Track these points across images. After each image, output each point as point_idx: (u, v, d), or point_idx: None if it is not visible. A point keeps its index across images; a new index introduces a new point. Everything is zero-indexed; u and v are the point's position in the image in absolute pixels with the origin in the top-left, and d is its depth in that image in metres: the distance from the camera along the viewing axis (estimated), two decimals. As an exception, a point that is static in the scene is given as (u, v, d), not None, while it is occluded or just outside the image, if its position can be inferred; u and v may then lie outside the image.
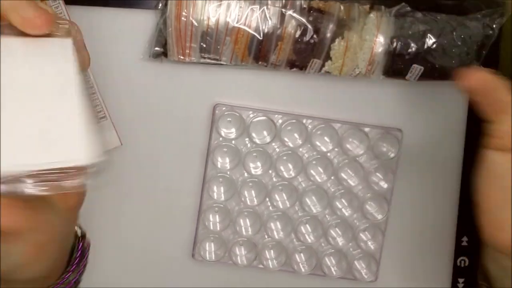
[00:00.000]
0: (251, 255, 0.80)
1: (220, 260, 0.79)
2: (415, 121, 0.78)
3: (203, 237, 0.79)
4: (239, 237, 0.79)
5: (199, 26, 0.70)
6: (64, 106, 0.47)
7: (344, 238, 0.80)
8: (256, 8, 0.70)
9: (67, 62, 0.48)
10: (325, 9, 0.71)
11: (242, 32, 0.71)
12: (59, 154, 0.46)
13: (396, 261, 0.81)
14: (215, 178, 0.78)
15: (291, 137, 0.77)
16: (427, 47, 0.72)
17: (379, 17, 0.72)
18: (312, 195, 0.79)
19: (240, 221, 0.80)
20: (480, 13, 0.74)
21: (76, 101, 0.47)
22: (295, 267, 0.80)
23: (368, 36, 0.72)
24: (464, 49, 0.73)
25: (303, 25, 0.71)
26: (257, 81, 0.77)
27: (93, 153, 0.47)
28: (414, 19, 0.73)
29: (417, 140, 0.69)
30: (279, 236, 0.80)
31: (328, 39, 0.71)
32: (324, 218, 0.79)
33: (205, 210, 0.78)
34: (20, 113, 0.46)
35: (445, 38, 0.73)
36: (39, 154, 0.46)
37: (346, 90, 0.77)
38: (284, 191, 0.79)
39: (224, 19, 0.70)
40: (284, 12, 0.70)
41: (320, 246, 0.80)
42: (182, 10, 0.70)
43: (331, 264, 0.81)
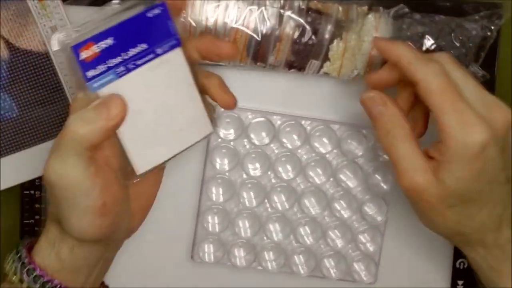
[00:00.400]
0: (250, 256, 0.80)
1: (219, 262, 0.79)
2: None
3: (202, 238, 0.79)
4: (238, 238, 0.79)
5: (197, 27, 0.70)
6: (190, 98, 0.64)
7: (343, 239, 0.80)
8: (255, 8, 0.70)
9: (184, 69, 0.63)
10: (324, 10, 0.72)
11: (240, 32, 0.71)
12: (195, 133, 0.65)
13: (395, 263, 0.81)
14: (214, 179, 0.78)
15: (290, 138, 0.77)
16: (425, 49, 0.72)
17: (378, 18, 0.72)
18: (311, 197, 0.79)
19: (239, 222, 0.80)
20: (478, 15, 0.74)
21: (196, 94, 0.64)
22: (294, 269, 0.80)
23: (366, 37, 0.72)
24: (462, 51, 0.73)
25: (301, 26, 0.71)
26: (255, 82, 0.77)
27: (214, 123, 0.66)
28: (412, 21, 0.73)
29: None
30: (278, 237, 0.79)
31: (326, 40, 0.71)
32: (323, 219, 0.79)
33: (203, 212, 0.78)
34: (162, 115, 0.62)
35: (444, 40, 0.73)
36: (182, 138, 0.64)
37: (345, 91, 0.77)
38: (283, 193, 0.79)
39: (222, 20, 0.70)
40: (282, 13, 0.71)
41: (319, 247, 0.80)
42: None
43: (330, 266, 0.80)
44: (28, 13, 0.72)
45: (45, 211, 0.77)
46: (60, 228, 0.63)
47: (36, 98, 0.74)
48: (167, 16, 0.60)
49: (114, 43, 0.57)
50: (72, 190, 0.59)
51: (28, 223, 0.78)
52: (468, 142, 0.60)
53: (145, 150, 0.62)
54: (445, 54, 0.65)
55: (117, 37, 0.58)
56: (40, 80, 0.74)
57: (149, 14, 0.59)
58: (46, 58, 0.74)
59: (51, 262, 0.64)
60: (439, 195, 0.62)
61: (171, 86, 0.62)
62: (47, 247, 0.64)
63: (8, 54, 0.73)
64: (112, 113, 0.59)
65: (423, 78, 0.62)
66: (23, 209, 0.78)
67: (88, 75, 0.57)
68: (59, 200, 0.60)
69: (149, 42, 0.59)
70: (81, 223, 0.61)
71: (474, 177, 0.61)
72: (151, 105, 0.61)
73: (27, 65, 0.73)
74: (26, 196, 0.78)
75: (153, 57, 0.60)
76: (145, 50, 0.59)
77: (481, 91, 0.63)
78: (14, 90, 0.74)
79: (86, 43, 0.56)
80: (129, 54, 0.58)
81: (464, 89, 0.62)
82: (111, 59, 0.58)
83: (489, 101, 0.62)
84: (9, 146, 0.75)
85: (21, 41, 0.73)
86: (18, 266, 0.64)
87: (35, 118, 0.75)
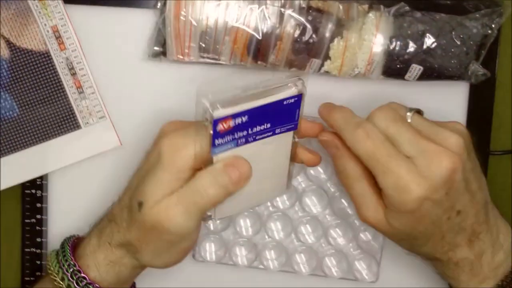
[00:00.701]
0: (251, 255, 0.80)
1: (220, 261, 0.79)
2: (414, 121, 0.78)
3: (204, 237, 0.79)
4: (239, 237, 0.79)
5: (198, 26, 0.70)
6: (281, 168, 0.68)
7: (344, 238, 0.80)
8: (255, 7, 0.70)
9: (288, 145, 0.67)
10: (324, 8, 0.72)
11: (241, 31, 0.71)
12: (272, 193, 0.71)
13: (397, 261, 0.81)
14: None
15: (291, 137, 0.77)
16: (426, 47, 0.72)
17: (378, 17, 0.72)
18: (312, 195, 0.79)
19: (240, 221, 0.80)
20: (479, 13, 0.74)
21: (287, 164, 0.68)
22: (295, 268, 0.80)
23: (367, 36, 0.72)
24: (463, 49, 0.73)
25: (302, 24, 0.71)
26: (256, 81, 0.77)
27: (289, 184, 0.70)
28: (413, 19, 0.73)
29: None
30: (279, 236, 0.80)
31: (327, 38, 0.71)
32: (324, 218, 0.79)
33: (205, 211, 0.78)
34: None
35: (444, 38, 0.73)
36: (260, 197, 0.69)
37: (345, 90, 0.77)
38: (284, 191, 0.79)
39: (223, 19, 0.70)
40: (283, 11, 0.71)
41: (320, 246, 0.80)
42: (181, 9, 0.70)
43: (331, 264, 0.80)
44: (29, 12, 0.73)
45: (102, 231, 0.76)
46: (125, 252, 0.67)
47: (37, 97, 0.74)
48: (298, 105, 0.64)
49: (247, 121, 0.61)
50: (181, 237, 0.64)
51: (29, 222, 0.78)
52: (402, 201, 0.61)
53: (230, 203, 0.65)
54: (380, 112, 0.65)
55: (251, 116, 0.61)
56: (40, 79, 0.74)
57: (285, 102, 0.63)
58: (47, 57, 0.74)
59: (109, 281, 0.68)
60: (388, 231, 0.66)
61: (272, 157, 0.66)
62: (108, 269, 0.68)
63: (9, 54, 0.73)
64: (242, 179, 0.63)
65: (352, 145, 0.64)
66: (24, 208, 0.78)
67: (216, 143, 0.61)
68: (158, 241, 0.64)
69: (273, 123, 0.63)
70: (172, 260, 0.68)
71: (415, 223, 0.64)
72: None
73: (28, 65, 0.74)
74: (28, 195, 0.78)
75: (270, 135, 0.64)
76: (267, 128, 0.63)
77: (419, 140, 0.62)
78: (15, 89, 0.74)
79: (226, 119, 0.59)
80: (253, 130, 0.62)
81: (402, 143, 0.62)
82: (239, 132, 0.61)
83: (428, 149, 0.62)
84: (10, 146, 0.75)
85: (22, 40, 0.73)
86: (72, 282, 0.67)
87: (36, 118, 0.75)
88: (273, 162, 0.66)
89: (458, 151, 0.62)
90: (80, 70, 0.75)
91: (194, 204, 0.62)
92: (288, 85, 0.63)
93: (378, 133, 0.62)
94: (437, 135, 0.63)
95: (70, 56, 0.74)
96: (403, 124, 0.63)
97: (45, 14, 0.73)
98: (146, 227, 0.63)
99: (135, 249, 0.66)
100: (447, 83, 0.76)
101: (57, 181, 0.79)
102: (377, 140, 0.62)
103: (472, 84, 0.76)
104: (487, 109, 0.78)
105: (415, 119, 0.65)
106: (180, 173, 0.62)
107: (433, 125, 0.64)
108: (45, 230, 0.79)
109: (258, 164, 0.64)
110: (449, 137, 0.63)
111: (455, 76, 0.74)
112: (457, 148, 0.62)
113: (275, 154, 0.66)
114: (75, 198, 0.79)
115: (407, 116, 0.65)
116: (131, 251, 0.67)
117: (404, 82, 0.75)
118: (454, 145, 0.62)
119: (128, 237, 0.66)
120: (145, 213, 0.63)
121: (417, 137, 0.62)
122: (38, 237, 0.79)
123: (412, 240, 0.66)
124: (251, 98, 0.61)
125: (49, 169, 0.77)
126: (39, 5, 0.73)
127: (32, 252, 0.79)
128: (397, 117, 0.64)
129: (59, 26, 0.73)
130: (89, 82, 0.75)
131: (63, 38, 0.74)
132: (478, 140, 0.77)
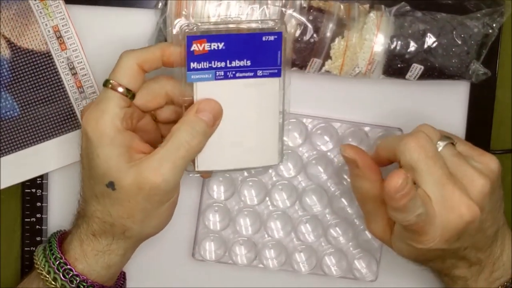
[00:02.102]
0: (251, 254, 0.80)
1: (220, 260, 0.79)
2: (415, 120, 0.78)
3: (203, 236, 0.79)
4: (239, 236, 0.79)
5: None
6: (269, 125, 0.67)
7: (344, 237, 0.80)
8: (256, 7, 0.70)
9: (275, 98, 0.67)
10: (325, 8, 0.71)
11: (242, 31, 0.71)
12: (260, 158, 0.68)
13: (396, 260, 0.80)
14: (215, 178, 0.78)
15: (291, 136, 0.77)
16: (427, 47, 0.72)
17: (379, 17, 0.72)
18: (312, 194, 0.79)
19: (240, 220, 0.80)
20: (480, 12, 0.74)
21: (276, 125, 0.68)
22: (295, 267, 0.80)
23: (368, 36, 0.72)
24: (464, 48, 0.73)
25: (303, 24, 0.71)
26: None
27: (280, 157, 0.69)
28: (414, 18, 0.73)
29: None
30: (279, 235, 0.80)
31: (328, 38, 0.71)
32: (324, 217, 0.79)
33: (205, 210, 0.78)
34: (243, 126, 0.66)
35: (445, 37, 0.73)
36: (247, 157, 0.68)
37: (346, 90, 0.77)
38: (284, 190, 0.79)
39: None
40: (284, 11, 0.70)
41: (320, 245, 0.80)
42: (182, 9, 0.70)
43: (331, 263, 0.81)
44: (30, 12, 0.72)
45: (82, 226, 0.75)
46: (111, 238, 0.66)
47: (37, 97, 0.74)
48: (279, 46, 0.64)
49: (223, 49, 0.62)
50: (169, 193, 0.65)
51: (29, 221, 0.78)
52: (411, 244, 0.63)
53: (211, 153, 0.66)
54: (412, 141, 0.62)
55: (229, 45, 0.62)
56: (41, 79, 0.74)
57: (264, 38, 0.63)
58: (47, 57, 0.74)
59: (98, 270, 0.68)
60: (390, 247, 0.69)
61: (256, 107, 0.66)
62: (98, 259, 0.68)
63: (10, 54, 0.73)
64: (216, 118, 0.65)
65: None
66: (24, 207, 0.78)
67: (191, 65, 0.62)
68: (147, 204, 0.64)
69: (254, 62, 0.64)
70: (162, 221, 0.68)
71: (419, 255, 0.65)
72: (233, 115, 0.65)
73: (29, 65, 0.73)
74: (27, 194, 0.78)
75: (251, 76, 0.64)
76: (248, 67, 0.64)
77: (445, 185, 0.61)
78: (16, 89, 0.74)
79: (201, 39, 0.61)
80: (232, 64, 0.63)
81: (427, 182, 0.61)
82: (216, 61, 0.62)
83: (451, 197, 0.60)
84: (11, 145, 0.75)
85: (22, 40, 0.73)
86: (59, 274, 0.67)
87: (36, 117, 0.75)
88: (258, 115, 0.66)
89: (481, 199, 0.61)
90: (81, 70, 0.75)
91: (181, 158, 0.63)
92: (268, 22, 0.65)
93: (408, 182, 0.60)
94: (465, 176, 0.61)
95: (71, 56, 0.74)
96: (434, 162, 0.60)
97: (46, 14, 0.73)
98: (130, 197, 0.63)
99: (121, 228, 0.66)
100: (448, 82, 0.76)
101: (57, 181, 0.79)
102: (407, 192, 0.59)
103: (472, 83, 0.76)
104: (487, 108, 0.78)
105: (446, 151, 0.63)
106: (114, 139, 0.63)
107: (463, 162, 0.62)
108: (44, 229, 0.79)
109: (239, 109, 0.65)
110: (476, 179, 0.61)
111: (456, 75, 0.74)
112: (481, 196, 0.61)
113: (260, 102, 0.66)
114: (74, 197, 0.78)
115: (438, 145, 0.63)
116: (117, 233, 0.66)
117: (405, 82, 0.75)
118: (479, 191, 0.61)
119: (109, 220, 0.65)
120: (123, 186, 0.63)
121: (443, 180, 0.60)
122: (38, 236, 0.79)
123: (413, 260, 0.68)
124: (229, 28, 0.63)
125: (49, 168, 0.77)
126: (40, 5, 0.72)
127: (31, 251, 0.79)
128: (429, 150, 0.61)
129: (60, 26, 0.73)
130: (90, 82, 0.75)
131: (64, 38, 0.74)
132: (478, 140, 0.77)
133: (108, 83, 0.63)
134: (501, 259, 0.68)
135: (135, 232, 0.66)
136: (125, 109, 0.63)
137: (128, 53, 0.64)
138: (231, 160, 0.68)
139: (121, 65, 0.64)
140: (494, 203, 0.64)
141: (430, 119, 0.77)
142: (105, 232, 0.66)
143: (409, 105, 0.78)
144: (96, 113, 0.63)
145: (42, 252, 0.69)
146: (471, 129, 0.79)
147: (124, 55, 0.64)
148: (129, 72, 0.64)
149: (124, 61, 0.64)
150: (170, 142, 0.63)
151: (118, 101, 0.63)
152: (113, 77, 0.63)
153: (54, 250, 0.68)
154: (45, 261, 0.68)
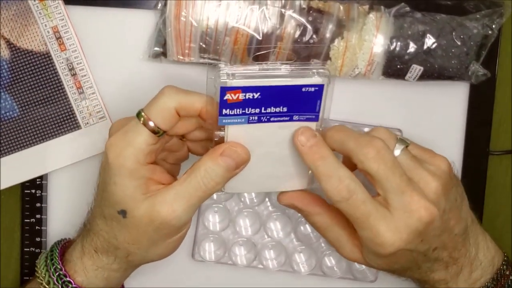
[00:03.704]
0: (250, 255, 0.80)
1: (220, 260, 0.79)
2: (414, 121, 0.78)
3: (203, 237, 0.79)
4: (238, 237, 0.79)
5: (199, 26, 0.70)
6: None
7: (343, 238, 0.80)
8: (256, 8, 0.70)
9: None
10: (325, 9, 0.72)
11: (241, 32, 0.71)
12: (289, 183, 0.67)
13: (396, 261, 0.81)
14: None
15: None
16: (426, 47, 0.72)
17: (379, 17, 0.72)
18: (311, 195, 0.79)
19: (240, 221, 0.80)
20: (479, 13, 0.74)
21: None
22: (295, 267, 0.80)
23: (367, 36, 0.72)
24: (463, 49, 0.73)
25: (302, 25, 0.71)
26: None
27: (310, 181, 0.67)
28: (413, 19, 0.73)
29: (417, 140, 0.69)
30: (278, 236, 0.80)
31: (327, 39, 0.71)
32: (324, 218, 0.79)
33: (204, 210, 0.78)
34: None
35: (445, 38, 0.73)
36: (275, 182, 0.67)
37: (346, 90, 0.77)
38: (284, 191, 0.79)
39: (223, 19, 0.70)
40: (283, 12, 0.70)
41: (320, 246, 0.80)
42: (182, 10, 0.70)
43: (331, 264, 0.81)
44: (29, 13, 0.72)
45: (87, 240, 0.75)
46: (114, 259, 0.66)
47: (37, 98, 0.74)
48: (319, 96, 0.61)
49: (259, 98, 0.60)
50: (180, 228, 0.65)
51: (28, 222, 0.78)
52: (376, 251, 0.62)
53: (240, 178, 0.64)
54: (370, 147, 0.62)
55: (265, 95, 0.60)
56: (41, 80, 0.74)
57: (304, 89, 0.61)
58: (47, 58, 0.74)
59: (97, 284, 0.68)
60: (368, 265, 0.67)
61: (289, 143, 0.64)
62: (97, 274, 0.67)
63: (9, 54, 0.73)
64: (239, 165, 0.63)
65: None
66: (24, 208, 0.78)
67: (223, 112, 0.60)
68: (155, 236, 0.64)
69: (291, 108, 0.61)
70: (169, 250, 0.68)
71: (391, 263, 0.65)
72: (264, 151, 0.64)
73: (28, 65, 0.73)
74: (27, 195, 0.78)
75: (286, 120, 0.62)
76: (284, 113, 0.62)
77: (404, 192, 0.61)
78: (15, 90, 0.74)
79: (235, 90, 0.59)
80: (267, 110, 0.61)
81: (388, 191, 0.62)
82: (250, 108, 0.60)
83: (410, 202, 0.61)
84: (10, 146, 0.75)
85: (22, 41, 0.73)
86: (58, 285, 0.67)
87: (36, 118, 0.75)
88: (291, 147, 0.64)
89: (437, 200, 0.62)
90: (80, 71, 0.75)
91: (196, 197, 0.62)
92: (310, 73, 0.61)
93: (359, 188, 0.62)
94: (421, 179, 0.62)
95: (71, 56, 0.74)
96: (393, 172, 0.61)
97: (45, 14, 0.73)
98: (139, 227, 0.63)
99: (125, 252, 0.66)
100: (448, 83, 0.76)
101: (57, 181, 0.79)
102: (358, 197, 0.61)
103: (472, 84, 0.76)
104: (487, 109, 0.78)
105: (402, 156, 0.63)
106: (135, 172, 0.62)
107: (418, 166, 0.63)
108: (44, 229, 0.79)
109: (271, 147, 0.64)
110: (430, 181, 0.62)
111: (456, 76, 0.74)
112: (436, 197, 0.62)
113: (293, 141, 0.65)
114: (74, 198, 0.78)
115: (395, 150, 0.63)
116: (119, 256, 0.66)
117: (404, 83, 0.75)
118: (433, 193, 0.62)
119: (114, 242, 0.65)
120: (135, 216, 0.62)
121: (402, 187, 0.61)
122: (38, 236, 0.79)
123: (391, 272, 0.69)
124: (267, 77, 0.60)
125: (49, 169, 0.77)
126: (39, 5, 0.72)
127: (31, 252, 0.79)
128: (387, 156, 0.61)
129: (59, 26, 0.73)
130: (89, 83, 0.75)
131: (64, 39, 0.74)
132: (478, 140, 0.77)
133: (141, 116, 0.61)
134: (478, 259, 0.68)
135: (139, 257, 0.66)
136: (151, 146, 0.62)
137: (170, 92, 0.62)
138: (259, 185, 0.68)
139: (159, 104, 0.62)
140: (453, 202, 0.64)
141: (429, 120, 0.78)
142: (108, 252, 0.66)
143: (408, 106, 0.78)
144: (122, 143, 0.62)
145: (44, 261, 0.69)
146: (471, 130, 0.79)
147: (167, 93, 0.62)
148: (165, 113, 0.62)
149: (164, 101, 0.62)
150: (188, 180, 0.62)
151: (146, 138, 0.61)
152: (148, 112, 0.61)
153: (55, 260, 0.68)
154: (46, 270, 0.68)
